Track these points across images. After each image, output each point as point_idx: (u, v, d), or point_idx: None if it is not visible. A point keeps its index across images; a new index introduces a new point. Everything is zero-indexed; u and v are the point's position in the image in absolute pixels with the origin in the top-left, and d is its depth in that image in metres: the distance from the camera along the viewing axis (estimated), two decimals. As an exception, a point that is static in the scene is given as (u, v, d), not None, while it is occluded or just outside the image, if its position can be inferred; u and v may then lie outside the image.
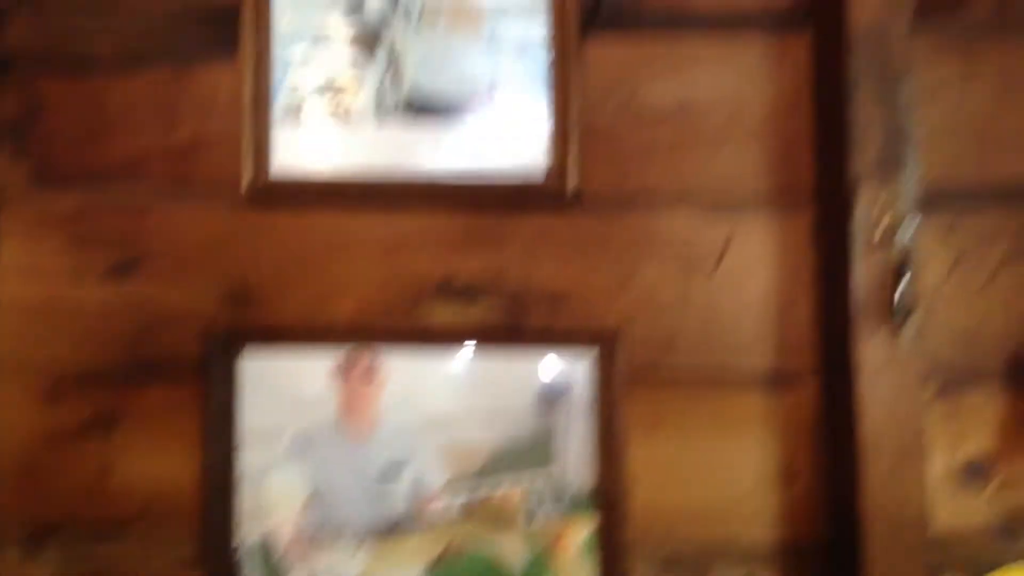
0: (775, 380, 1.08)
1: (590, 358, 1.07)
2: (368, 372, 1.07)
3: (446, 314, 1.08)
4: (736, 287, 1.09)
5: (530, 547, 1.06)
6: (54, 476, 1.08)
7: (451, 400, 1.07)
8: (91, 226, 1.09)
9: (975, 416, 1.08)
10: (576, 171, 1.08)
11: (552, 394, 1.07)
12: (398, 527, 1.06)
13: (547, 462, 1.07)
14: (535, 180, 1.08)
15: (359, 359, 1.07)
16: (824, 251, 1.07)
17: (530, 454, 1.07)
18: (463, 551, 1.06)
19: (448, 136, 1.09)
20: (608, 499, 1.06)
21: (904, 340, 0.99)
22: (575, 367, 1.07)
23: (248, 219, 1.09)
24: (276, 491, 1.06)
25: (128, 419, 1.08)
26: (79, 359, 1.08)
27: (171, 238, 1.09)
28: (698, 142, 1.10)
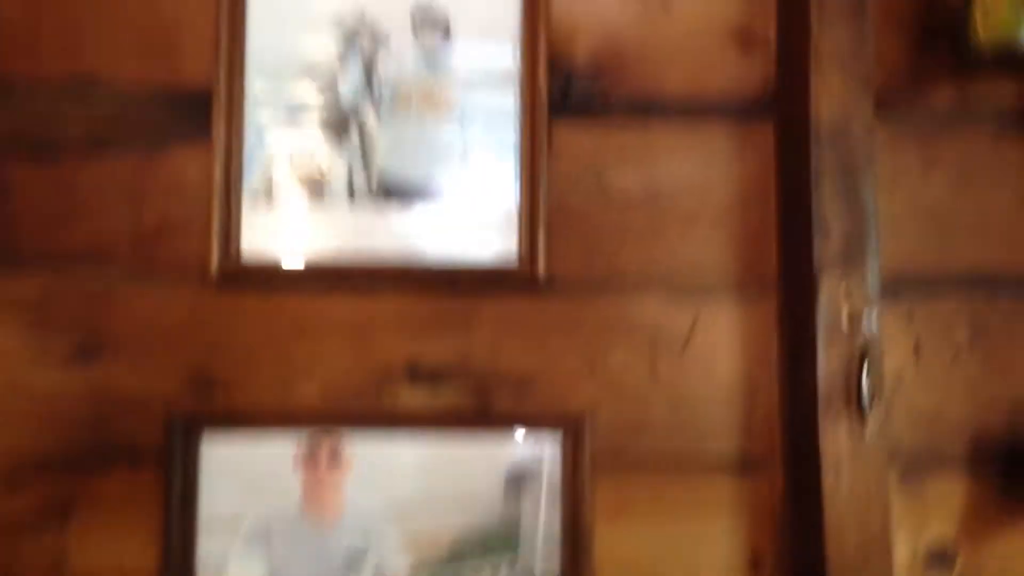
0: (741, 466, 1.08)
1: (557, 442, 1.07)
2: (332, 458, 1.05)
3: (413, 398, 1.08)
4: (702, 371, 1.09)
5: (495, 636, 1.04)
6: (9, 569, 1.05)
7: (416, 485, 1.06)
8: (54, 310, 1.07)
9: (939, 502, 1.09)
10: (545, 255, 1.09)
11: (519, 479, 1.06)
12: (361, 616, 1.04)
13: (513, 548, 1.06)
14: (504, 263, 1.09)
15: (323, 444, 1.06)
16: (789, 337, 1.08)
17: (496, 540, 1.06)
18: (427, 640, 1.04)
19: (418, 219, 1.09)
20: (574, 587, 1.04)
21: (869, 428, 1.00)
22: (542, 451, 1.07)
23: (215, 302, 1.07)
24: (237, 579, 1.04)
25: (86, 507, 1.05)
26: (38, 445, 1.06)
27: (135, 322, 1.07)
28: (666, 227, 1.11)
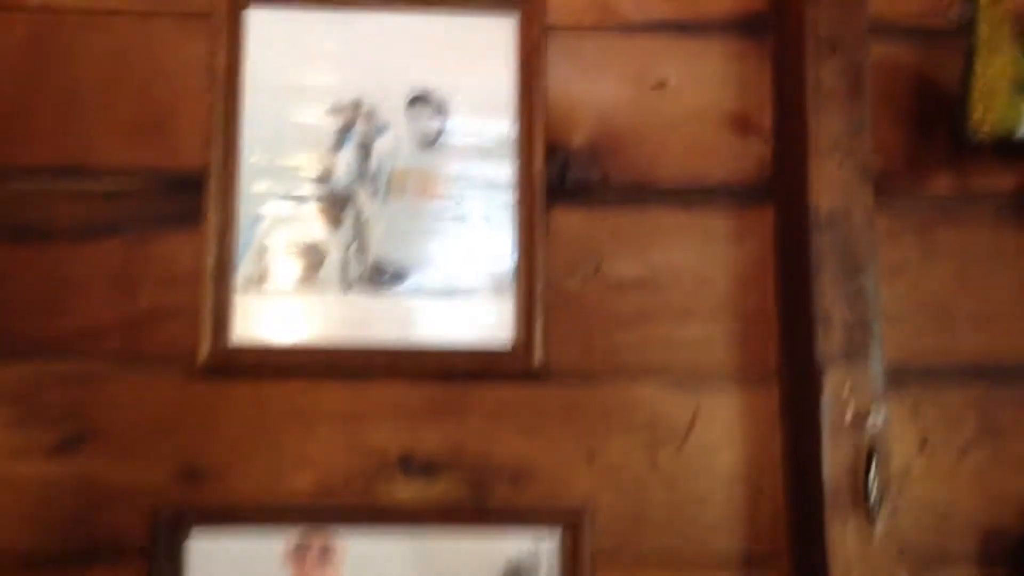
0: (746, 564, 1.05)
1: (555, 538, 1.03)
2: (323, 554, 1.02)
3: (406, 490, 1.04)
4: (704, 464, 1.07)
5: None
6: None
7: (410, 583, 1.02)
8: (39, 400, 1.04)
9: (948, 600, 1.05)
10: (541, 342, 1.07)
11: (516, 575, 1.03)
12: None
13: (509, 648, 1.02)
14: (500, 351, 1.07)
15: (314, 540, 1.02)
16: (792, 431, 1.06)
17: (491, 640, 1.02)
18: None
19: (412, 305, 1.07)
20: None
21: (878, 527, 0.97)
22: (540, 547, 1.03)
23: (204, 391, 1.05)
24: None
25: (66, 606, 1.01)
26: (19, 540, 1.01)
27: (122, 412, 1.04)
28: (664, 314, 1.09)
